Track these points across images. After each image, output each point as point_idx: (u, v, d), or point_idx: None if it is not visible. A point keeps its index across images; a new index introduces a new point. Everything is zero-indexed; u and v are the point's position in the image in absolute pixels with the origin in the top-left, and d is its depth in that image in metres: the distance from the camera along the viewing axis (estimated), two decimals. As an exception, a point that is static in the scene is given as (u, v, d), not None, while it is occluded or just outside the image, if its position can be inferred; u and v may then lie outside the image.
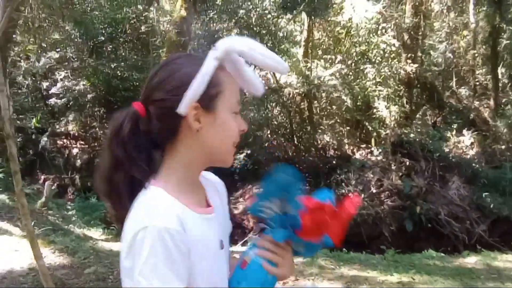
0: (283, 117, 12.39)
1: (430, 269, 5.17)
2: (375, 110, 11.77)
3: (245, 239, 7.82)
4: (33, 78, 14.57)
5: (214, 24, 11.56)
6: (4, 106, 2.71)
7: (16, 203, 8.46)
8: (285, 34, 11.58)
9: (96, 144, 14.11)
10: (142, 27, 11.89)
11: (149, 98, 1.14)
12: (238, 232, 10.65)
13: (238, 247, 7.05)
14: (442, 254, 6.78)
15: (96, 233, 7.98)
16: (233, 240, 8.72)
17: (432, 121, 12.71)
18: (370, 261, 5.57)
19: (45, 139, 13.62)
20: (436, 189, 10.00)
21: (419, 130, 11.58)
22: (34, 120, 13.88)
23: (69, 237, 6.04)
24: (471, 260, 5.92)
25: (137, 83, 13.11)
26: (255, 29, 11.19)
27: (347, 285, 4.35)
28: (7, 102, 2.70)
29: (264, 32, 11.15)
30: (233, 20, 11.55)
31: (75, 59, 13.10)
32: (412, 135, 11.12)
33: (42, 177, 13.59)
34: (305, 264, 5.03)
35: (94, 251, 4.97)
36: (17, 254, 4.77)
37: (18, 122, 14.64)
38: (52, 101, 13.21)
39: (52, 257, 4.63)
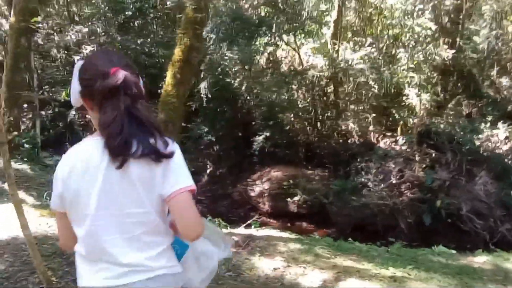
0: (306, 101, 12.07)
1: (431, 265, 4.90)
2: (404, 98, 11.28)
3: (248, 222, 7.63)
4: (65, 52, 14.78)
5: (240, 1, 11.29)
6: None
7: (36, 173, 8.73)
8: (312, 14, 11.19)
9: (122, 119, 14.25)
10: (168, 2, 11.75)
11: None
12: (252, 214, 10.57)
13: (241, 229, 6.92)
14: (453, 251, 6.43)
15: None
16: (246, 222, 8.64)
17: (467, 111, 12.11)
18: (371, 252, 5.34)
19: (73, 112, 13.85)
20: (461, 184, 9.52)
21: (450, 120, 11.04)
22: (64, 93, 14.10)
23: (78, 209, 6.07)
24: (479, 260, 5.57)
25: (163, 60, 13.07)
26: (281, 7, 10.86)
27: (337, 275, 4.18)
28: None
29: (290, 11, 10.81)
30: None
31: (103, 33, 13.13)
32: (441, 125, 10.63)
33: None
34: (300, 251, 4.90)
35: (97, 223, 4.95)
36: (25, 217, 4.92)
37: (50, 94, 14.97)
38: (82, 74, 13.30)
39: (55, 227, 4.64)
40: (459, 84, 12.10)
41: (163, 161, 1.56)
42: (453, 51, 10.89)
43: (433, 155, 10.07)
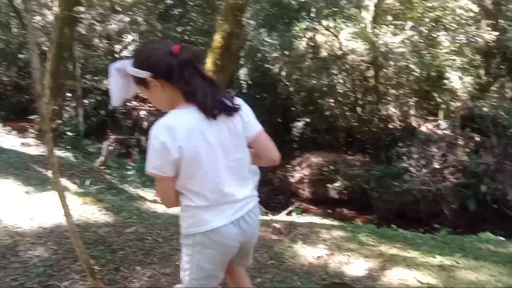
0: (347, 86, 11.99)
1: (480, 253, 4.79)
2: (446, 81, 11.08)
3: (289, 208, 7.67)
4: (107, 41, 15.05)
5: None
6: (35, 66, 2.73)
7: (79, 161, 8.93)
8: (352, -1, 11.09)
9: (162, 107, 14.44)
10: (209, -10, 11.84)
11: None
12: (292, 201, 10.62)
13: (282, 216, 6.94)
14: (502, 238, 6.26)
15: (149, 194, 8.18)
16: (286, 208, 8.70)
17: (511, 94, 11.81)
18: (416, 240, 5.24)
19: (115, 100, 14.08)
20: (507, 168, 9.33)
21: (494, 103, 10.79)
22: (105, 82, 14.37)
23: (119, 197, 6.21)
24: (529, 247, 5.45)
25: (204, 48, 13.17)
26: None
27: (383, 264, 4.14)
28: (37, 62, 2.74)
29: (329, -5, 10.74)
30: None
31: (144, 22, 13.31)
32: (485, 109, 10.39)
33: (112, 137, 14.18)
34: (344, 239, 4.84)
35: (138, 211, 5.06)
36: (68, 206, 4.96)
37: (93, 83, 15.30)
38: (124, 63, 13.52)
39: (98, 214, 4.75)
40: (502, 66, 11.78)
41: (238, 112, 1.92)
42: (496, 32, 10.59)
43: (477, 139, 9.90)
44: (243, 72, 10.99)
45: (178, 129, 1.82)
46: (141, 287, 3.37)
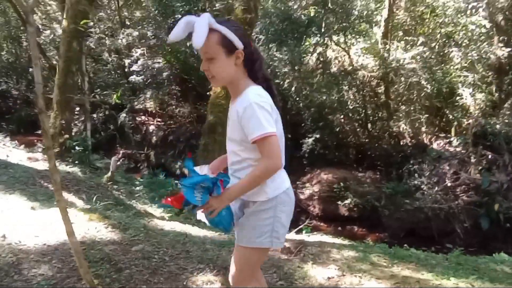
0: (357, 102, 11.91)
1: (495, 275, 4.66)
2: (458, 98, 10.95)
3: (300, 227, 7.56)
4: (116, 55, 15.12)
5: (289, 2, 11.24)
6: (37, 80, 2.66)
7: (86, 176, 8.89)
8: (362, 14, 11.03)
9: (171, 122, 14.44)
10: (217, 4, 11.84)
11: None
12: (302, 218, 10.50)
13: (292, 234, 6.83)
14: (515, 259, 6.16)
15: (157, 210, 8.13)
16: (296, 225, 8.58)
17: (524, 111, 11.67)
18: (430, 261, 5.11)
19: (124, 115, 14.12)
20: (520, 186, 9.17)
21: (506, 121, 10.65)
22: (114, 96, 14.41)
23: (126, 213, 6.13)
24: (545, 269, 5.30)
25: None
26: (330, 6, 10.75)
27: (395, 286, 4.02)
28: (40, 76, 2.67)
29: (340, 11, 10.69)
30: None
31: (153, 37, 13.36)
32: (498, 126, 10.25)
33: (121, 151, 14.17)
34: (355, 259, 4.74)
35: (145, 229, 4.98)
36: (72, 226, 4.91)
37: (102, 97, 15.35)
38: (133, 78, 13.58)
39: (104, 232, 4.68)
40: (515, 84, 11.68)
41: None
42: (509, 49, 10.50)
43: (490, 156, 9.74)
44: (252, 87, 10.94)
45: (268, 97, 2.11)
46: (147, 308, 3.29)
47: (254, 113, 1.99)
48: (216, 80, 2.19)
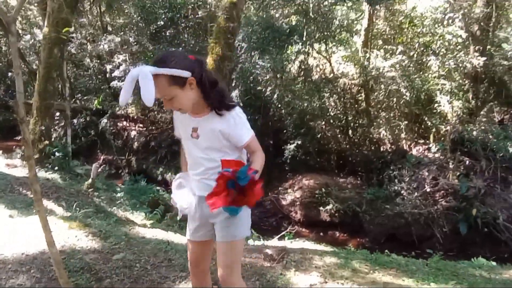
0: (338, 109, 12.02)
1: (474, 280, 4.75)
2: (436, 105, 11.12)
3: (282, 233, 7.60)
4: (98, 61, 15.03)
5: (271, 10, 11.32)
6: (18, 89, 2.67)
7: (66, 183, 8.80)
8: (343, 23, 11.16)
9: (153, 128, 14.39)
10: (199, 12, 11.86)
11: None
12: (284, 224, 10.56)
13: (275, 241, 6.88)
14: (493, 264, 6.26)
15: (138, 217, 8.09)
16: (278, 231, 8.62)
17: (499, 118, 11.92)
18: (410, 266, 5.19)
19: (105, 120, 14.01)
20: (496, 192, 9.36)
21: (483, 127, 10.87)
22: (96, 102, 14.31)
23: (107, 221, 6.10)
24: (522, 273, 5.41)
25: (194, 69, 13.17)
26: (312, 16, 10.84)
27: (377, 292, 4.08)
28: (22, 85, 2.68)
29: (321, 20, 10.80)
30: (292, 6, 11.31)
31: (135, 43, 13.32)
32: (474, 132, 10.45)
33: (102, 157, 14.05)
34: (337, 266, 4.79)
35: (126, 237, 4.96)
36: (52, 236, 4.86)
37: (82, 102, 15.22)
38: (114, 83, 13.50)
39: (85, 240, 4.65)
40: (490, 91, 11.92)
41: None
42: (484, 58, 10.70)
43: (467, 162, 9.93)
44: (234, 94, 10.96)
45: None
46: (128, 317, 3.29)
47: (241, 121, 2.38)
48: (185, 110, 2.36)
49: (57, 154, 9.75)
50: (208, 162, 2.45)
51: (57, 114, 12.05)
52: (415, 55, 11.53)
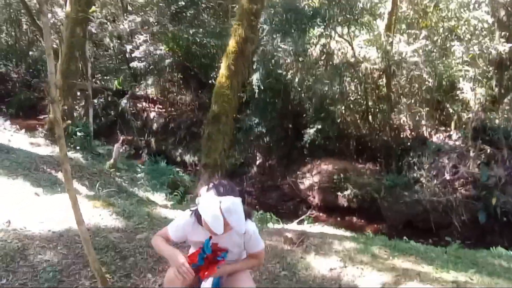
0: (359, 94, 11.91)
1: (494, 269, 4.70)
2: (458, 92, 10.98)
3: (301, 217, 7.60)
4: (118, 41, 15.06)
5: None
6: (50, 70, 2.68)
7: (88, 162, 8.90)
8: (367, 6, 10.97)
9: (172, 109, 14.44)
10: (223, -6, 11.80)
11: None
12: (302, 208, 10.57)
13: (294, 225, 6.88)
14: (512, 253, 6.21)
15: (159, 197, 8.16)
16: (296, 215, 8.64)
17: (524, 106, 11.69)
18: (429, 254, 5.14)
19: (125, 101, 14.09)
20: (518, 181, 9.23)
21: (506, 116, 10.69)
22: (116, 82, 14.38)
23: (129, 200, 6.17)
24: (542, 263, 5.34)
25: (215, 50, 13.14)
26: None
27: (396, 278, 4.06)
28: (53, 66, 2.68)
29: (344, 2, 10.63)
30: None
31: (156, 23, 13.31)
32: (497, 120, 10.30)
33: (122, 137, 14.15)
34: (356, 251, 4.77)
35: (149, 217, 5.00)
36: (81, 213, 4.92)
37: (103, 83, 15.30)
38: (134, 64, 13.54)
39: (109, 219, 4.71)
40: (515, 79, 11.68)
41: None
42: (510, 44, 10.46)
43: (489, 151, 9.78)
44: (255, 77, 10.91)
45: None
46: (152, 296, 3.33)
47: (255, 236, 2.84)
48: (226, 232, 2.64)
49: (79, 133, 9.86)
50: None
51: (78, 93, 12.10)
52: (439, 40, 11.34)
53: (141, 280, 3.55)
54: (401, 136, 11.31)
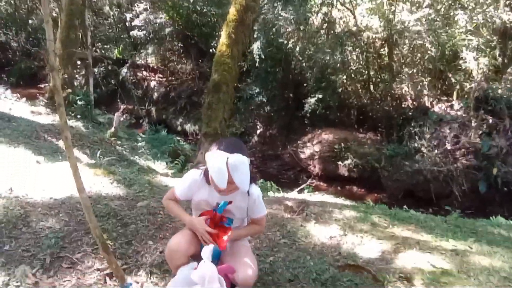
0: (360, 63, 11.79)
1: (493, 238, 4.72)
2: (461, 61, 10.85)
3: (301, 186, 7.63)
4: (118, 9, 14.87)
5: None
6: (49, 38, 2.64)
7: (89, 131, 8.89)
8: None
9: (173, 78, 14.34)
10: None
11: None
12: (302, 177, 10.60)
13: (294, 194, 6.91)
14: (512, 223, 6.24)
15: (160, 166, 8.18)
16: (296, 184, 8.67)
17: (527, 77, 11.59)
18: (429, 222, 5.17)
19: (125, 70, 13.99)
20: (519, 152, 9.21)
21: (509, 86, 10.60)
22: (116, 51, 14.25)
23: (130, 169, 6.17)
24: (541, 233, 5.36)
25: (215, 19, 12.98)
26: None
27: (396, 246, 4.08)
28: (52, 33, 2.64)
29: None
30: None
31: (156, -9, 13.13)
32: (499, 90, 10.19)
33: (122, 106, 14.12)
34: (356, 219, 4.79)
35: (150, 185, 5.02)
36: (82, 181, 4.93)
37: (102, 51, 15.16)
38: (134, 32, 13.40)
39: (110, 187, 4.73)
40: (519, 48, 11.54)
41: None
42: (514, 13, 10.35)
43: (490, 121, 9.73)
44: (256, 46, 10.80)
45: None
46: (154, 262, 3.35)
47: (260, 201, 2.82)
48: (232, 192, 2.70)
49: (79, 102, 9.83)
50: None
51: (78, 62, 12.00)
52: (442, 9, 11.15)
53: (142, 247, 3.57)
54: (403, 106, 11.25)
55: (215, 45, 11.21)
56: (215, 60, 8.37)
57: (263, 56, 10.85)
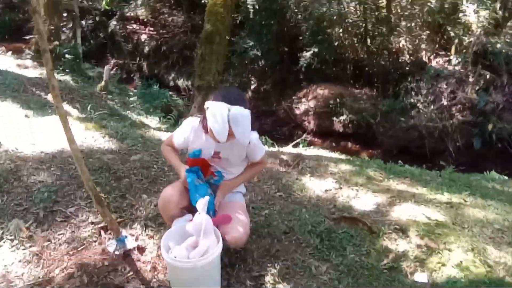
0: (357, 15, 11.50)
1: (487, 192, 4.78)
2: (461, 14, 10.62)
3: (296, 140, 7.58)
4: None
5: None
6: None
7: (79, 85, 8.73)
8: None
9: (164, 31, 14.00)
10: None
11: None
12: (297, 133, 10.56)
13: (289, 148, 6.89)
14: (506, 177, 6.28)
15: (153, 121, 8.11)
16: (291, 140, 8.63)
17: (527, 31, 11.39)
18: (424, 177, 5.22)
19: (114, 22, 13.64)
20: (515, 108, 9.16)
21: (508, 40, 10.43)
22: (104, 2, 13.85)
23: (122, 123, 6.10)
24: (534, 187, 5.40)
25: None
26: None
27: (391, 199, 4.11)
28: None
29: None
30: None
31: None
32: (498, 45, 10.03)
33: (113, 61, 13.85)
34: (352, 173, 4.81)
35: (143, 139, 4.98)
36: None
37: (90, 3, 14.70)
38: (122, -20, 12.97)
39: (102, 141, 4.69)
40: (522, 2, 11.29)
41: None
42: (519, -37, 10.08)
43: (488, 76, 9.61)
44: (250, -4, 10.52)
45: None
46: (148, 215, 3.34)
47: (259, 145, 2.86)
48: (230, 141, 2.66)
49: (67, 56, 9.59)
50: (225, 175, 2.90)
51: (64, 14, 11.60)
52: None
53: (136, 200, 3.57)
54: (400, 60, 11.07)
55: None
56: (208, 9, 8.15)
57: (257, 7, 10.57)
